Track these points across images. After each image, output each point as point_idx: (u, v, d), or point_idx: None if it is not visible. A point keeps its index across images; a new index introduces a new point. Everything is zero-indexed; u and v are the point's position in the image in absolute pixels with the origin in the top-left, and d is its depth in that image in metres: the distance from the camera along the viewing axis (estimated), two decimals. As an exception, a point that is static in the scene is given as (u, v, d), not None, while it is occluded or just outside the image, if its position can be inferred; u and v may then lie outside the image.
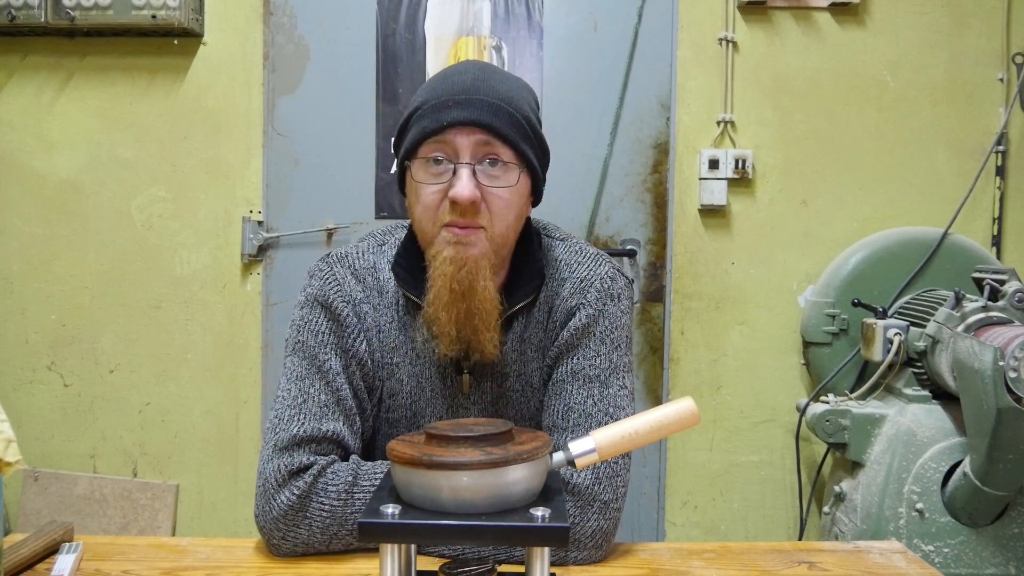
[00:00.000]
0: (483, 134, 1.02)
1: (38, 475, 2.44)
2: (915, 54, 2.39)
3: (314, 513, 1.01)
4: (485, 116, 1.02)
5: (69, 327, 2.47)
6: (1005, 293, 1.85)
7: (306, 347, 1.09)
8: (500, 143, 1.03)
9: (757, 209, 2.41)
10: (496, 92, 1.04)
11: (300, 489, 1.01)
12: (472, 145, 1.02)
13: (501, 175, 1.04)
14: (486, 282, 1.04)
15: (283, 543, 1.02)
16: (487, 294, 1.04)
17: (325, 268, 1.14)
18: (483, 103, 1.02)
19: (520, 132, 1.05)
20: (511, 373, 1.13)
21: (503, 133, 1.03)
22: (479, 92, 1.03)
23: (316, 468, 1.02)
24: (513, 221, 1.07)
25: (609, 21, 2.38)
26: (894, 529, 1.87)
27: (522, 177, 1.06)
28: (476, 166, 1.03)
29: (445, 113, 1.02)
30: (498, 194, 1.04)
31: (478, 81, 1.05)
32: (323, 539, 1.02)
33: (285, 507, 1.01)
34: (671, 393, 2.43)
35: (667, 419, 0.89)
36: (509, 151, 1.04)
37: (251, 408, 2.45)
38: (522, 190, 1.07)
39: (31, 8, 2.28)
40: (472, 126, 1.02)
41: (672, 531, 2.45)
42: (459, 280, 1.03)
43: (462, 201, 1.01)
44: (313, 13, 2.39)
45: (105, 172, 2.45)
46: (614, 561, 1.05)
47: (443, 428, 0.84)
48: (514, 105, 1.05)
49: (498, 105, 1.03)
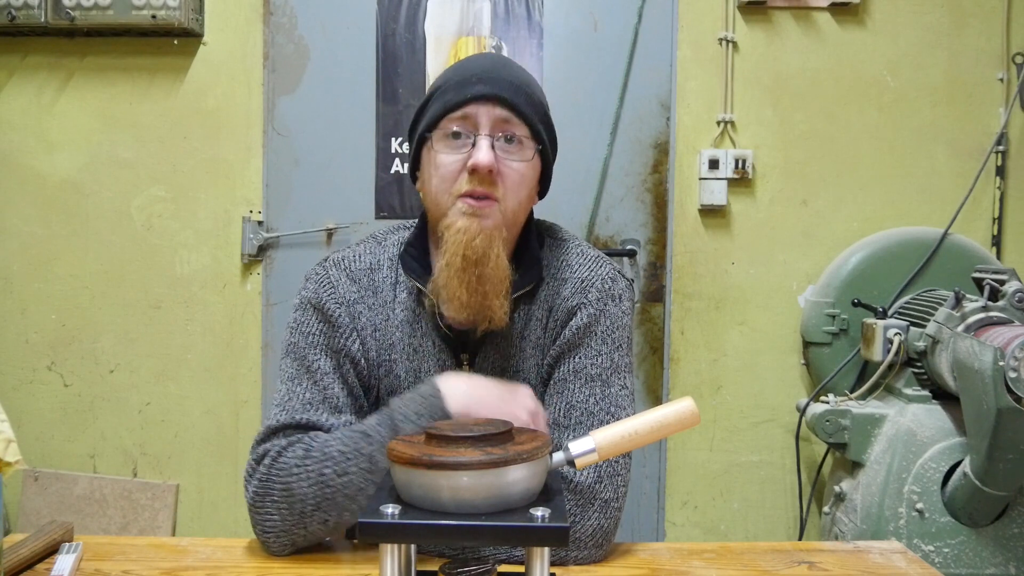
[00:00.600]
0: (503, 109, 1.07)
1: (38, 475, 2.44)
2: (915, 54, 2.39)
3: (277, 494, 1.01)
4: (506, 92, 1.07)
5: (69, 327, 2.47)
6: (1005, 293, 1.85)
7: (297, 348, 1.12)
8: (518, 120, 1.08)
9: (757, 209, 2.41)
10: (515, 75, 1.11)
11: (261, 474, 1.03)
12: (492, 119, 1.07)
13: (517, 150, 1.08)
14: (499, 251, 1.07)
15: (268, 538, 1.03)
16: (500, 262, 1.07)
17: (321, 271, 1.16)
18: (504, 81, 1.08)
19: (537, 112, 1.10)
20: (508, 369, 1.14)
21: (522, 110, 1.08)
22: (500, 72, 1.09)
23: (275, 450, 1.03)
24: (524, 199, 1.11)
25: (609, 21, 2.38)
26: (894, 529, 1.87)
27: (536, 157, 1.11)
28: (494, 140, 1.07)
29: (468, 88, 1.07)
30: (514, 167, 1.08)
31: (499, 64, 1.12)
32: (296, 521, 1.01)
33: (252, 496, 1.03)
34: (671, 393, 2.43)
35: (667, 419, 0.89)
36: (526, 128, 1.09)
37: (251, 408, 2.45)
38: (535, 169, 1.12)
39: (31, 8, 2.28)
40: (493, 101, 1.07)
41: (672, 531, 2.45)
42: (473, 248, 1.05)
43: (481, 168, 1.04)
44: (313, 13, 2.39)
45: (105, 172, 2.45)
46: (614, 561, 1.05)
47: (443, 428, 0.84)
48: (531, 89, 1.11)
49: (517, 85, 1.09)
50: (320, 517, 1.01)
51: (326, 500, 0.99)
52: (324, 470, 0.99)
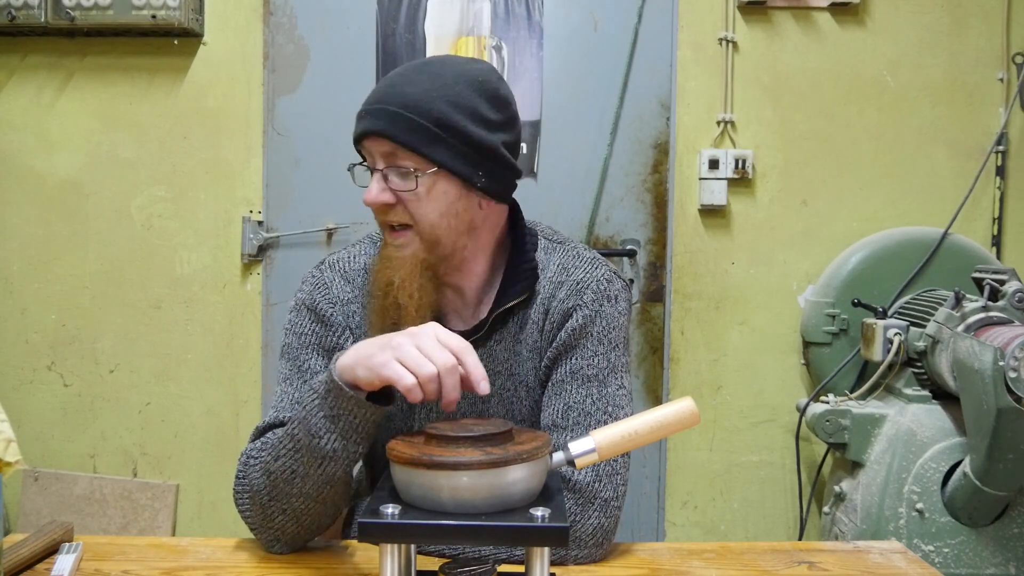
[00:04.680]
0: (387, 142, 1.05)
1: (38, 475, 2.44)
2: (915, 54, 2.39)
3: (243, 488, 1.05)
4: (383, 125, 1.04)
5: (69, 327, 2.47)
6: (1005, 293, 1.85)
7: (290, 349, 1.15)
8: (403, 150, 1.04)
9: (757, 209, 2.41)
10: (404, 98, 1.04)
11: (237, 472, 1.07)
12: (380, 153, 1.07)
13: (409, 180, 1.05)
14: (420, 280, 1.07)
15: (258, 536, 1.06)
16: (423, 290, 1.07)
17: (316, 273, 1.18)
18: (384, 112, 1.04)
19: (425, 136, 1.03)
20: (503, 371, 1.14)
21: (402, 140, 1.03)
22: (386, 101, 1.05)
23: (248, 450, 1.07)
24: (439, 219, 1.07)
25: (609, 21, 2.38)
26: (894, 529, 1.87)
27: (438, 180, 1.05)
28: (386, 172, 1.06)
29: (359, 123, 1.08)
30: (408, 198, 1.06)
31: (392, 87, 1.06)
32: (261, 512, 1.03)
33: (233, 494, 1.06)
34: (671, 393, 2.43)
35: (667, 419, 0.89)
36: (414, 157, 1.04)
37: (251, 408, 2.45)
38: (442, 191, 1.06)
39: (31, 8, 2.28)
40: (376, 136, 1.06)
41: (672, 531, 2.45)
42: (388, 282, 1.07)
43: (369, 205, 1.07)
44: (313, 13, 2.39)
45: (105, 172, 2.45)
46: (614, 561, 1.05)
47: (443, 428, 0.84)
48: (421, 109, 1.03)
49: (398, 113, 1.03)
50: (278, 507, 1.02)
51: (274, 488, 1.01)
52: (266, 457, 1.02)
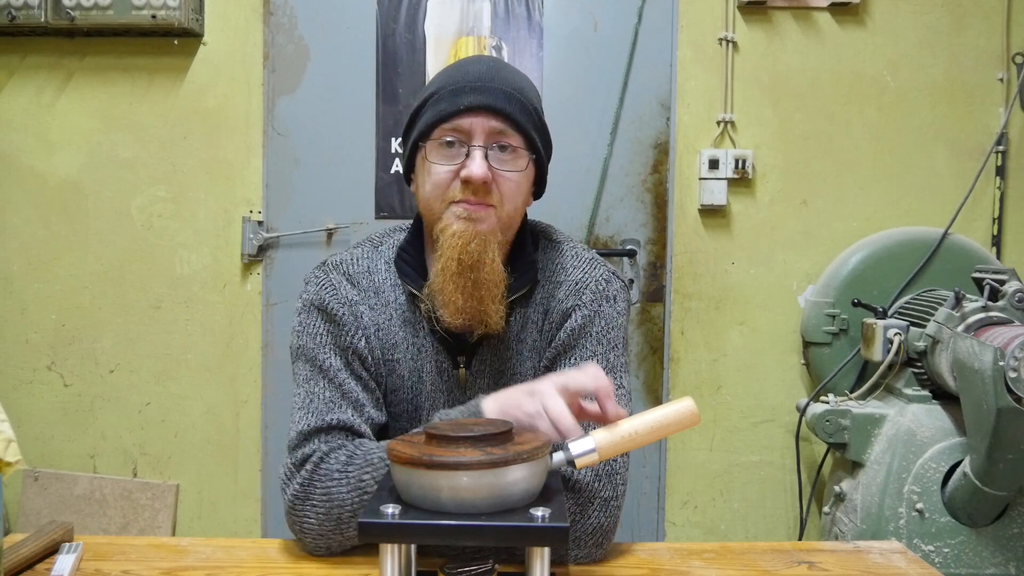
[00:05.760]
0: (496, 120, 1.06)
1: (38, 475, 2.44)
2: (915, 54, 2.39)
3: (317, 498, 1.02)
4: (499, 102, 1.06)
5: (69, 327, 2.47)
6: (1005, 293, 1.85)
7: (306, 350, 1.12)
8: (512, 129, 1.07)
9: (757, 209, 2.41)
10: (509, 82, 1.09)
11: (303, 478, 1.03)
12: (485, 129, 1.06)
13: (512, 160, 1.08)
14: (494, 255, 1.07)
15: (305, 538, 1.04)
16: (495, 267, 1.07)
17: (320, 274, 1.16)
18: (498, 91, 1.07)
19: (531, 120, 1.09)
20: (506, 371, 1.14)
21: (515, 119, 1.07)
22: (494, 80, 1.08)
23: (317, 456, 1.04)
24: (520, 205, 1.11)
25: (609, 21, 2.38)
26: (894, 529, 1.87)
27: (530, 164, 1.10)
28: (488, 150, 1.06)
29: (462, 97, 1.06)
30: (508, 176, 1.08)
31: (492, 71, 1.10)
32: (332, 526, 1.02)
33: (291, 498, 1.03)
34: (671, 393, 2.43)
35: (667, 419, 0.89)
36: (520, 137, 1.08)
37: (251, 408, 2.45)
38: (529, 177, 1.12)
39: (31, 8, 2.28)
40: (487, 111, 1.06)
41: (672, 531, 2.45)
42: (468, 252, 1.05)
43: (475, 180, 1.05)
44: (313, 13, 2.39)
45: (105, 172, 2.45)
46: (614, 561, 1.05)
47: (443, 428, 0.84)
48: (525, 95, 1.10)
49: (511, 93, 1.08)
50: (357, 524, 1.01)
51: (362, 503, 1.00)
52: (363, 476, 1.00)
